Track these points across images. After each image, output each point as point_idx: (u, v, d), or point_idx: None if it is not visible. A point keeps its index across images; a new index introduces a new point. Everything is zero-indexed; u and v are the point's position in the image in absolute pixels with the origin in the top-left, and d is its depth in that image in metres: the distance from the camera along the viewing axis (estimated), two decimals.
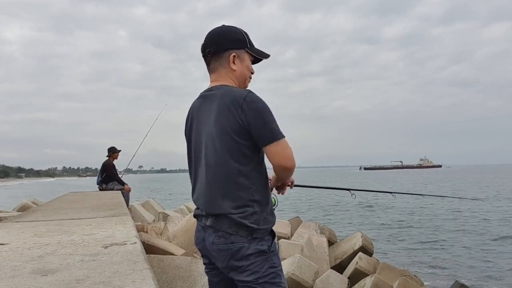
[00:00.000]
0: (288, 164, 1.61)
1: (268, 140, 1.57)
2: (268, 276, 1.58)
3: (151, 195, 26.16)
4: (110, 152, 8.36)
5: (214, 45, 1.72)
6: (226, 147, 1.60)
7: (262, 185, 1.66)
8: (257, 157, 1.64)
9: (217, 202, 1.61)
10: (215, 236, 1.60)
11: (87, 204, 4.73)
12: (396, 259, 9.17)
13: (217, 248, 1.60)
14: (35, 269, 1.58)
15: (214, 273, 1.74)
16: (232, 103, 1.59)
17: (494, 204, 19.78)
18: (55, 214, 3.71)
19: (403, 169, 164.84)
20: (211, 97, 1.69)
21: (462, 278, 7.35)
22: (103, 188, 8.14)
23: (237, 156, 1.59)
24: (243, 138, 1.59)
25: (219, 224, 1.59)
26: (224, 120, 1.60)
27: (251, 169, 1.62)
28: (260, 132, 1.57)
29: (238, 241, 1.56)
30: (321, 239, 7.19)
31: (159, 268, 3.78)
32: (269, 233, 1.65)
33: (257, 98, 1.61)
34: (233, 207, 1.57)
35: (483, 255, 9.52)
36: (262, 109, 1.59)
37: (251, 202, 1.59)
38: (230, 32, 1.74)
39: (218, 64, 1.73)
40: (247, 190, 1.60)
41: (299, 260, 4.96)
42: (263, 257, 1.58)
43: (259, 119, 1.57)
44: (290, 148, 1.61)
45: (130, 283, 1.36)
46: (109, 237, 2.31)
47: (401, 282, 4.96)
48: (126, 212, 3.82)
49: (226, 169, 1.60)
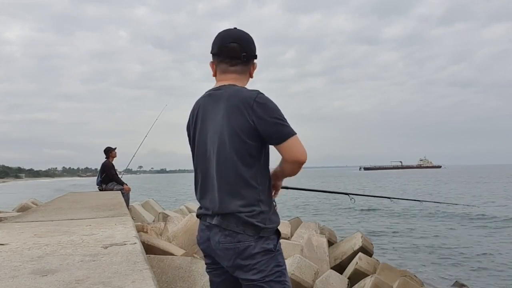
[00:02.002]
0: (303, 158, 1.64)
1: (283, 137, 1.60)
2: (274, 274, 1.60)
3: (151, 195, 26.17)
4: (106, 152, 8.41)
5: (249, 51, 1.75)
6: (235, 148, 1.61)
7: (267, 185, 1.69)
8: (263, 158, 1.67)
9: (225, 201, 1.61)
10: (222, 235, 1.61)
11: (87, 204, 4.72)
12: (396, 259, 9.16)
13: (223, 247, 1.61)
14: (35, 269, 1.58)
15: (217, 273, 1.74)
16: (242, 103, 1.61)
17: (494, 207, 19.75)
18: (55, 215, 3.70)
19: (403, 169, 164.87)
20: (219, 96, 1.69)
21: (462, 278, 7.35)
22: (102, 188, 8.15)
23: (245, 156, 1.62)
24: (252, 139, 1.61)
25: (226, 223, 1.60)
26: (234, 121, 1.61)
27: (257, 170, 1.65)
28: (274, 130, 1.60)
29: (244, 240, 1.58)
30: (321, 240, 7.18)
31: (159, 269, 3.78)
32: (274, 232, 1.67)
33: (267, 99, 1.64)
34: (241, 206, 1.59)
35: (484, 255, 9.52)
36: (273, 108, 1.62)
37: (258, 201, 1.61)
38: (253, 41, 1.81)
39: (245, 68, 1.78)
40: (253, 190, 1.62)
41: (299, 260, 4.96)
42: (269, 255, 1.61)
43: (271, 119, 1.60)
44: (302, 144, 1.65)
45: (130, 283, 1.36)
46: (109, 237, 2.31)
47: (401, 283, 4.96)
48: (126, 212, 3.82)
49: (234, 169, 1.61)
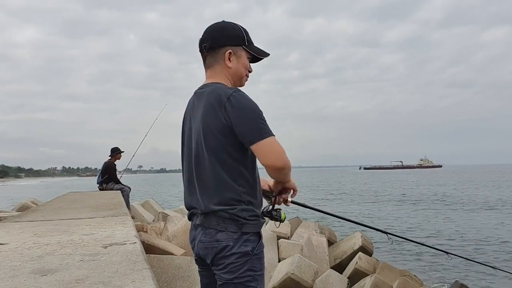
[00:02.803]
0: (277, 163, 1.53)
1: (253, 139, 1.51)
2: (245, 278, 1.55)
3: (151, 195, 26.14)
4: (113, 152, 8.35)
5: (211, 40, 1.67)
6: (211, 147, 1.57)
7: (250, 186, 1.60)
8: (244, 157, 1.58)
9: (205, 201, 1.59)
10: (203, 234, 1.60)
11: (86, 204, 4.72)
12: (396, 259, 9.16)
13: (203, 246, 1.60)
14: (34, 269, 1.58)
15: (205, 274, 1.72)
16: (217, 102, 1.55)
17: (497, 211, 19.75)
18: (55, 214, 3.70)
19: (403, 169, 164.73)
20: (202, 94, 1.66)
21: (462, 278, 7.34)
22: (103, 188, 8.14)
23: (222, 156, 1.56)
24: (228, 137, 1.54)
25: (208, 222, 1.58)
26: (209, 119, 1.57)
27: (237, 170, 1.57)
28: (244, 131, 1.52)
29: (223, 239, 1.55)
30: (320, 239, 7.19)
31: (158, 268, 3.78)
32: (256, 234, 1.60)
33: (243, 97, 1.55)
34: (221, 205, 1.55)
35: (484, 255, 9.52)
36: (246, 107, 1.53)
37: (238, 202, 1.56)
38: (228, 28, 1.69)
39: (213, 60, 1.69)
40: (233, 190, 1.56)
41: (299, 260, 4.96)
42: (245, 258, 1.55)
43: (242, 118, 1.52)
44: (280, 147, 1.53)
45: (130, 283, 1.36)
46: (108, 237, 2.31)
47: (401, 282, 4.96)
48: (125, 212, 3.82)
49: (211, 170, 1.57)
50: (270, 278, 5.09)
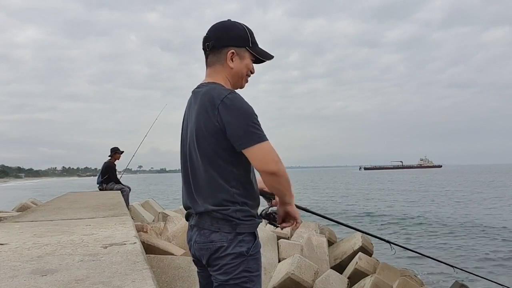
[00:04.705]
0: (269, 168, 1.49)
1: (245, 144, 1.48)
2: (240, 279, 1.53)
3: (151, 195, 26.16)
4: (112, 152, 8.35)
5: (214, 39, 1.66)
6: (203, 149, 1.56)
7: (244, 187, 1.58)
8: (237, 160, 1.56)
9: (199, 202, 1.59)
10: (198, 235, 1.59)
11: (86, 204, 4.72)
12: (396, 259, 9.15)
13: (198, 246, 1.59)
14: (34, 269, 1.58)
15: (203, 274, 1.72)
16: (210, 103, 1.53)
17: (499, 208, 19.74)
18: (55, 214, 3.70)
19: (403, 169, 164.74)
20: (198, 94, 1.64)
21: (462, 278, 7.34)
22: (103, 188, 8.14)
23: (214, 158, 1.55)
24: (220, 140, 1.53)
25: (202, 223, 1.58)
26: (201, 121, 1.55)
27: (230, 172, 1.56)
28: (236, 135, 1.49)
29: (217, 240, 1.54)
30: (321, 239, 7.18)
31: (158, 268, 3.78)
32: (251, 234, 1.59)
33: (237, 100, 1.52)
34: (215, 205, 1.55)
35: (484, 255, 9.51)
36: (239, 110, 1.50)
37: (232, 203, 1.55)
38: (232, 28, 1.67)
39: (215, 59, 1.68)
40: (226, 192, 1.55)
41: (299, 260, 4.95)
42: (240, 259, 1.53)
43: (234, 122, 1.48)
44: (272, 152, 1.50)
45: (130, 283, 1.36)
46: (108, 237, 2.31)
47: (401, 282, 4.95)
48: (125, 212, 3.82)
49: (204, 171, 1.57)
50: (270, 278, 5.09)
